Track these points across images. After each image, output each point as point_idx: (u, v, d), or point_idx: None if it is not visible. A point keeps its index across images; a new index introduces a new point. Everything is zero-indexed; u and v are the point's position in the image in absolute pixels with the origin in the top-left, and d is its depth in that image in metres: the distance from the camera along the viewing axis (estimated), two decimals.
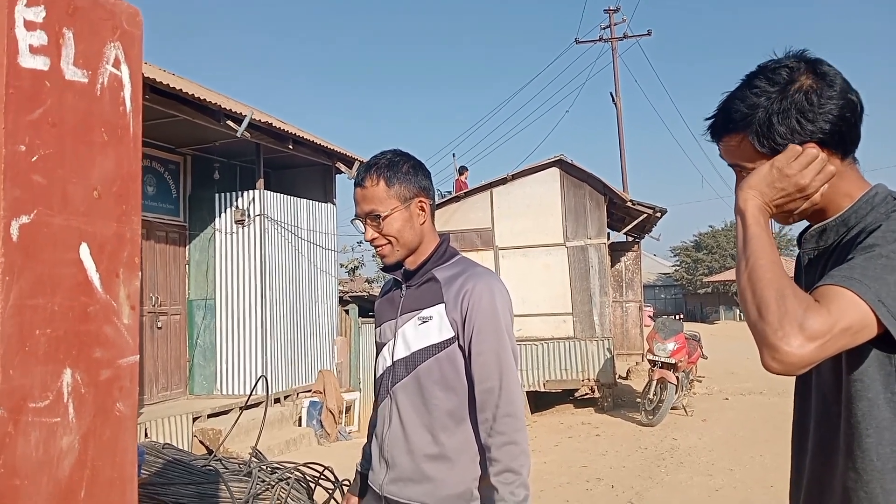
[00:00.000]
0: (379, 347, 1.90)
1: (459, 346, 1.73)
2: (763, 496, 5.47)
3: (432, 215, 1.87)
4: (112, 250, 1.19)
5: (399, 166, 1.80)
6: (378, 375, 1.88)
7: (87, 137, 1.21)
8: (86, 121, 1.21)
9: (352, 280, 20.92)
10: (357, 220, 1.83)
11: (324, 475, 4.51)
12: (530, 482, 1.65)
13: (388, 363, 1.82)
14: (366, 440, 2.04)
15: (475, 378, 1.70)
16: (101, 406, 1.13)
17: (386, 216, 1.75)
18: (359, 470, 2.00)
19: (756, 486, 5.77)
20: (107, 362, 1.15)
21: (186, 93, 7.71)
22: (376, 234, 1.78)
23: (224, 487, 3.95)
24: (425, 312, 1.76)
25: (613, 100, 20.29)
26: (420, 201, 1.81)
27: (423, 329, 1.76)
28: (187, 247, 9.54)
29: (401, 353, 1.79)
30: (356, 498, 1.97)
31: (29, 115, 1.09)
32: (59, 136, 1.15)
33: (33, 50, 1.11)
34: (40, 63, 1.13)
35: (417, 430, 1.73)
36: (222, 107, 8.28)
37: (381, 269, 1.93)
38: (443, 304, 1.74)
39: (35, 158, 1.11)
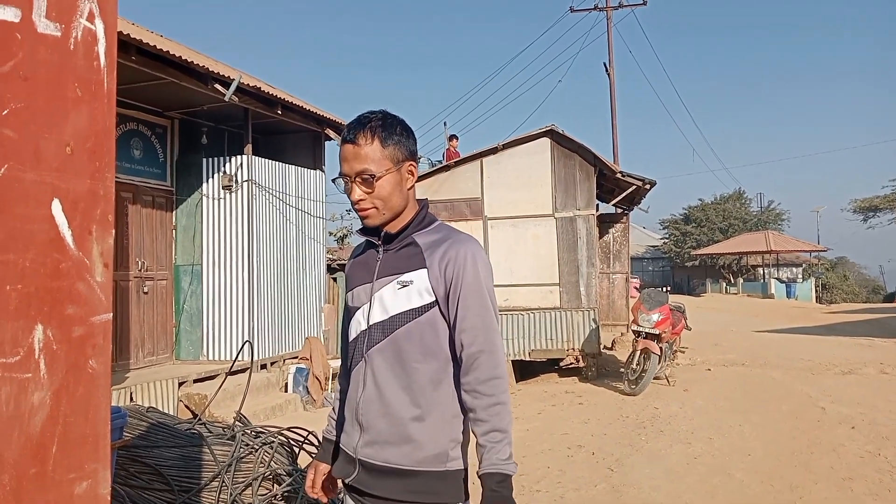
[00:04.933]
0: (351, 311, 1.88)
1: (440, 311, 1.74)
2: (741, 464, 5.57)
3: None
4: (85, 207, 1.18)
5: (393, 127, 1.77)
6: (351, 339, 1.86)
7: (59, 92, 1.19)
8: (59, 75, 1.19)
9: (340, 248, 20.86)
10: (342, 179, 1.77)
11: (308, 440, 4.56)
12: (512, 448, 1.69)
13: (363, 327, 1.81)
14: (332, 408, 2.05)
15: (462, 342, 1.71)
16: (73, 363, 1.13)
17: (379, 177, 1.72)
18: (326, 437, 2.01)
19: (734, 454, 5.87)
20: (79, 319, 1.14)
21: (173, 55, 7.60)
22: (364, 196, 1.74)
23: (208, 450, 3.99)
24: (405, 276, 1.75)
25: (607, 70, 20.16)
26: (410, 165, 1.80)
27: (403, 293, 1.75)
28: (174, 212, 9.48)
29: (377, 316, 1.78)
30: (324, 465, 1.97)
31: None
32: (30, 90, 1.14)
33: (3, 1, 1.09)
34: (10, 14, 1.11)
35: (394, 393, 1.73)
36: (210, 70, 8.17)
37: (357, 231, 1.91)
38: (425, 270, 1.74)
39: (6, 112, 1.09)
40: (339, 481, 1.91)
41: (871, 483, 5.03)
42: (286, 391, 9.19)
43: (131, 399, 7.12)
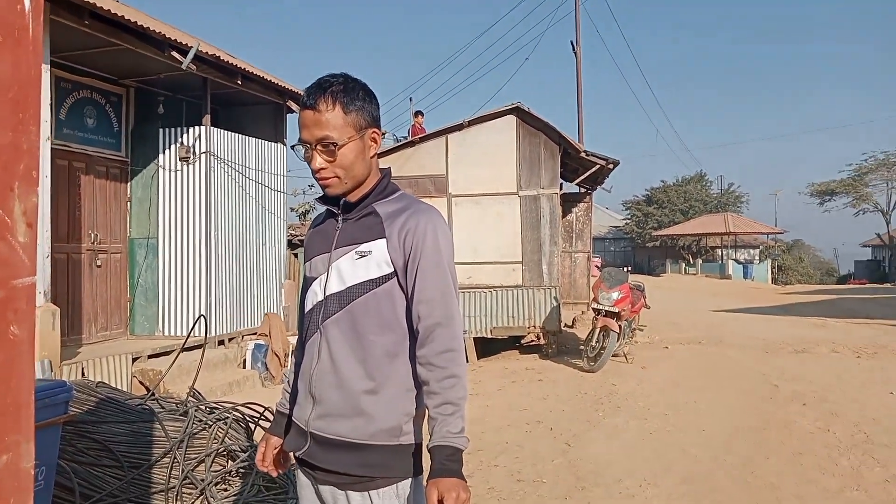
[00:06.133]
0: (308, 282, 1.83)
1: (398, 282, 1.70)
2: (695, 439, 5.67)
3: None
4: (6, 161, 1.10)
5: (355, 92, 1.70)
6: (307, 310, 1.82)
7: None
8: None
9: (303, 224, 20.61)
10: (301, 146, 1.71)
11: (263, 416, 4.50)
12: (472, 424, 1.65)
13: (320, 297, 1.76)
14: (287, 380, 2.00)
15: (419, 314, 1.67)
16: None
17: (341, 146, 1.67)
18: (280, 410, 1.95)
19: (689, 429, 5.97)
20: None
21: (128, 20, 7.35)
22: (325, 165, 1.68)
23: (159, 426, 3.90)
24: (364, 247, 1.71)
25: (574, 49, 20.14)
26: (374, 132, 1.74)
27: (361, 263, 1.70)
28: (129, 183, 9.23)
29: (334, 287, 1.73)
30: (276, 438, 1.92)
31: None
32: None
33: None
34: None
35: (349, 366, 1.69)
36: (167, 37, 7.93)
37: (317, 199, 1.85)
38: (384, 240, 1.69)
39: None
40: (292, 456, 1.87)
41: (820, 458, 5.16)
42: (244, 367, 9.08)
43: (83, 374, 6.95)
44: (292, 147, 1.76)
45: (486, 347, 11.16)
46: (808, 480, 4.69)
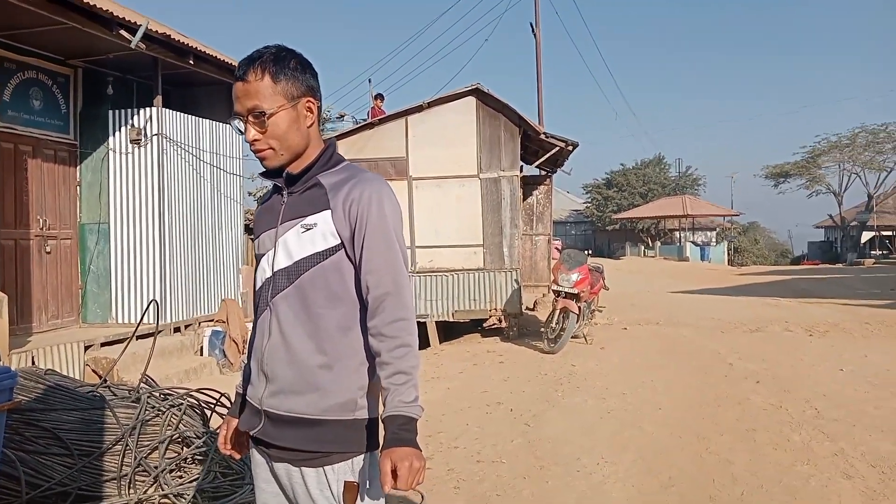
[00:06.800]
0: (258, 259, 1.80)
1: (346, 254, 1.67)
2: (652, 417, 5.77)
3: (319, 118, 1.76)
4: None
5: (286, 61, 1.66)
6: (257, 288, 1.78)
7: None
8: None
9: None
10: (237, 119, 1.68)
11: (220, 402, 4.42)
12: (432, 407, 1.62)
13: (268, 274, 1.73)
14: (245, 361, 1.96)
15: (368, 285, 1.64)
16: None
17: (271, 114, 1.63)
18: (238, 391, 1.92)
19: (646, 408, 6.06)
20: None
21: None
22: (259, 136, 1.65)
23: (110, 413, 3.81)
24: (309, 219, 1.67)
25: (533, 30, 20.13)
26: (308, 101, 1.69)
27: (307, 237, 1.67)
28: (78, 167, 8.95)
29: (282, 262, 1.70)
30: (236, 420, 1.88)
31: None
32: None
33: None
34: None
35: (300, 341, 1.66)
36: (115, 14, 7.66)
37: (260, 174, 1.81)
38: (328, 211, 1.66)
39: None
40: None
41: (773, 434, 5.28)
42: (202, 354, 8.93)
43: (33, 363, 6.75)
44: (229, 121, 1.73)
45: (448, 331, 11.18)
46: (761, 456, 4.80)
